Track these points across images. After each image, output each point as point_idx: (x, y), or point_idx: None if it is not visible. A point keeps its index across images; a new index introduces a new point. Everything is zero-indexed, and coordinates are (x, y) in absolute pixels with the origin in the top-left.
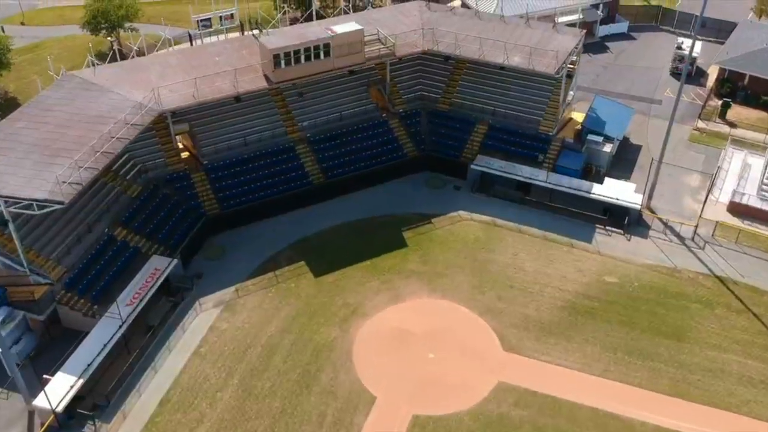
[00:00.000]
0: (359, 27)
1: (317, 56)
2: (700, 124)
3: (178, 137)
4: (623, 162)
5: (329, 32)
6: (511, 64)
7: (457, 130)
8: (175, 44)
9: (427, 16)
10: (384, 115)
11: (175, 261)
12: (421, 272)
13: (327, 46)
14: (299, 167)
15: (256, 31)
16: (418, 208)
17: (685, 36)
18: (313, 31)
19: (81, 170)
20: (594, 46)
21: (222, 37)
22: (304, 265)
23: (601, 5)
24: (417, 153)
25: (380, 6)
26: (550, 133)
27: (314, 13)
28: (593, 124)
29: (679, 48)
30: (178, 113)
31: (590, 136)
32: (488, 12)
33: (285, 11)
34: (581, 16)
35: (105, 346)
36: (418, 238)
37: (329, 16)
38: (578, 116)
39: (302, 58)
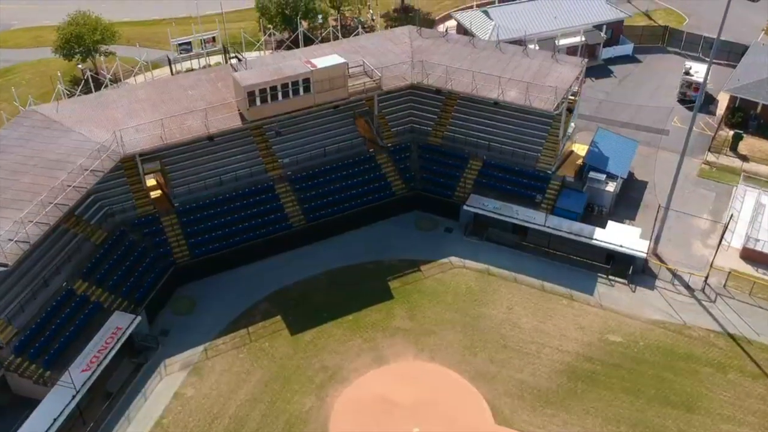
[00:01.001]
0: (342, 60)
1: (296, 92)
2: (710, 157)
3: (150, 174)
4: (627, 200)
5: (309, 66)
6: (506, 100)
7: (449, 167)
8: (153, 68)
9: (417, 43)
10: (371, 150)
11: (139, 318)
12: (408, 329)
13: (306, 81)
14: (279, 209)
15: (234, 60)
16: (406, 254)
17: (693, 58)
18: (292, 66)
19: (30, 225)
20: (597, 69)
21: (203, 61)
22: (281, 321)
23: (604, 27)
24: (406, 191)
25: (372, 25)
26: (549, 171)
27: (301, 35)
28: (595, 161)
29: (687, 73)
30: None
31: (592, 174)
32: (485, 34)
33: (271, 33)
34: (583, 39)
35: (55, 420)
36: (405, 288)
37: (318, 37)
38: (579, 148)
39: (279, 94)
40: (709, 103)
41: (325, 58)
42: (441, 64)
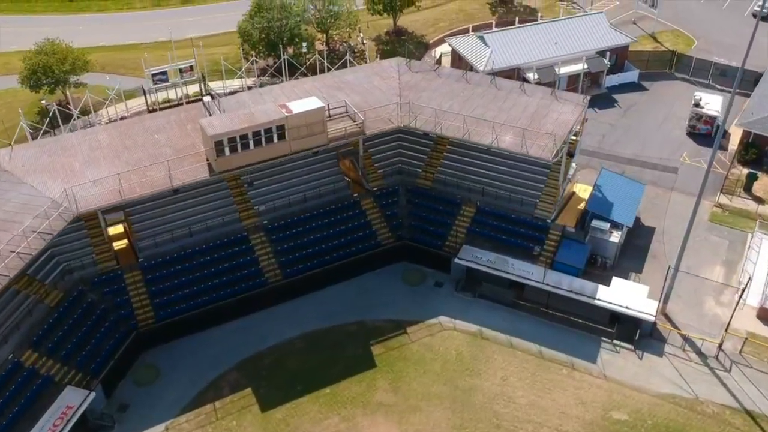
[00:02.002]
0: (319, 104)
1: (269, 140)
2: (722, 198)
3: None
4: (633, 250)
5: (283, 112)
6: (500, 147)
7: (440, 213)
8: (128, 98)
9: (406, 78)
10: (356, 194)
11: (93, 394)
12: (391, 405)
13: (281, 128)
14: (253, 262)
15: (207, 98)
16: (391, 312)
17: (702, 85)
18: (265, 111)
19: None
20: (600, 99)
21: (181, 90)
22: (251, 394)
23: (608, 53)
24: (393, 240)
25: (362, 50)
26: (548, 220)
27: (285, 63)
28: (599, 207)
29: (697, 105)
30: None
31: (595, 223)
32: (480, 63)
33: (253, 60)
34: (586, 66)
35: None
36: (389, 355)
37: (304, 64)
38: (581, 189)
39: (251, 143)
40: (720, 136)
41: (301, 101)
42: (430, 106)
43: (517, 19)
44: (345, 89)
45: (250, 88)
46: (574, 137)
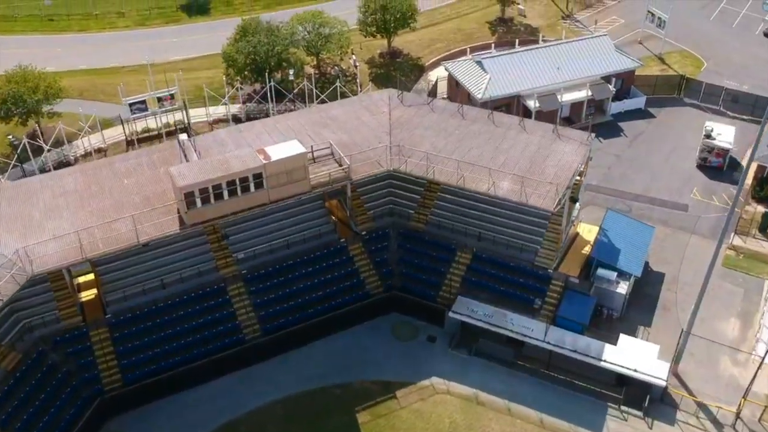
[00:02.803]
0: (301, 150)
1: (246, 189)
2: (737, 240)
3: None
4: (641, 299)
5: (261, 158)
6: (497, 196)
7: (433, 259)
8: (105, 128)
9: (398, 113)
10: (343, 239)
11: None
12: None
13: (258, 176)
14: (230, 317)
15: (183, 136)
16: (380, 373)
17: (713, 111)
18: (240, 157)
19: None
20: (605, 127)
21: (161, 119)
22: None
23: (613, 79)
24: (383, 290)
25: (354, 73)
26: (550, 270)
27: (271, 90)
28: (604, 255)
29: (708, 136)
30: None
31: (600, 272)
32: (478, 91)
33: (238, 87)
34: (590, 93)
35: None
36: (376, 424)
37: (293, 90)
38: (586, 230)
39: (225, 193)
40: (732, 169)
41: (282, 146)
42: (422, 148)
43: (517, 41)
44: (331, 126)
45: (234, 115)
46: (578, 177)
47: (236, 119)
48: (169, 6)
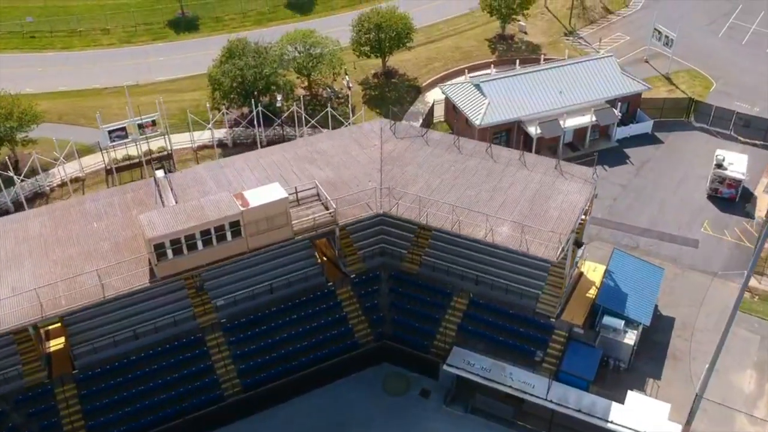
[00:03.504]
0: (282, 195)
1: (222, 238)
2: (752, 281)
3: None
4: (650, 347)
5: (239, 204)
6: (495, 243)
7: (427, 305)
8: (84, 155)
9: (390, 147)
10: (331, 282)
11: None
12: None
13: (235, 224)
14: (208, 370)
15: (160, 174)
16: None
17: (723, 136)
18: (216, 203)
19: None
20: (610, 154)
21: (141, 147)
22: None
23: (619, 104)
24: (373, 338)
25: (347, 95)
26: (552, 318)
27: (260, 114)
28: (611, 301)
29: (720, 166)
30: None
31: (606, 321)
32: (476, 117)
33: (224, 112)
34: (594, 119)
35: None
36: None
37: (282, 115)
38: (590, 270)
39: (199, 243)
40: (745, 200)
41: (261, 190)
42: (415, 188)
43: (518, 61)
44: (318, 161)
45: (220, 141)
46: (582, 217)
47: (222, 145)
48: (156, 22)
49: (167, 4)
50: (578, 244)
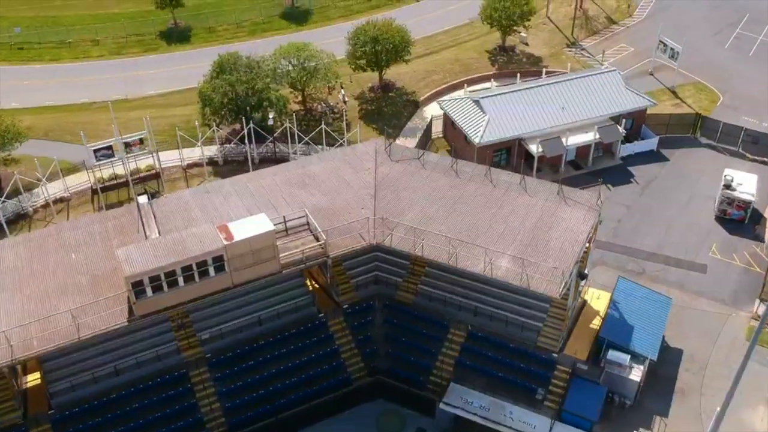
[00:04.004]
0: (268, 228)
1: (204, 274)
2: (762, 308)
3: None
4: (657, 381)
5: (222, 238)
6: (494, 278)
7: (422, 338)
8: (69, 174)
9: (385, 171)
10: (322, 314)
11: None
12: None
13: (219, 259)
14: (192, 409)
15: (143, 200)
16: None
17: (731, 153)
18: (199, 237)
19: None
20: (614, 172)
21: (132, 164)
22: None
23: (623, 120)
24: (366, 373)
25: (343, 109)
26: (554, 353)
27: (251, 131)
28: (616, 335)
29: (728, 186)
30: None
31: (611, 356)
32: (476, 134)
33: (215, 129)
34: (598, 136)
35: None
36: None
37: (276, 131)
38: (594, 298)
39: (180, 279)
40: (755, 221)
41: (247, 221)
42: (410, 217)
43: (518, 75)
44: (310, 186)
45: (211, 158)
46: (587, 244)
47: (212, 163)
48: (147, 33)
49: (160, 15)
50: (582, 276)
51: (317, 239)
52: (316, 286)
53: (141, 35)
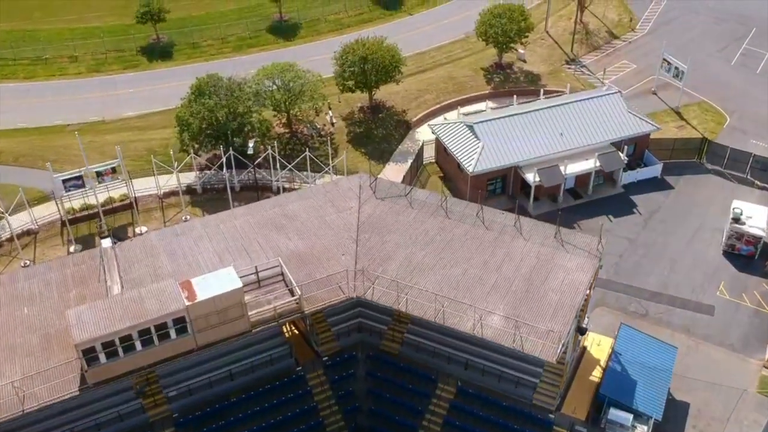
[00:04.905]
0: (235, 285)
1: (165, 336)
2: None
3: None
4: None
5: (184, 296)
6: (484, 339)
7: (408, 394)
8: (38, 204)
9: (369, 210)
10: (300, 368)
11: None
12: None
13: (181, 320)
14: None
15: (106, 244)
16: None
17: (738, 180)
18: (158, 295)
19: None
20: (615, 201)
21: (103, 195)
22: None
23: (625, 146)
24: None
25: (330, 132)
26: (551, 412)
27: (231, 158)
28: (617, 391)
29: (737, 220)
30: None
31: (613, 414)
32: (469, 163)
33: (193, 156)
34: (598, 164)
35: None
36: None
37: (257, 156)
38: (594, 344)
39: (137, 344)
40: (765, 257)
41: (213, 276)
42: (395, 265)
43: (515, 97)
44: (287, 228)
45: (189, 186)
46: (587, 292)
47: (191, 191)
48: (128, 49)
49: (141, 30)
50: (581, 331)
51: (292, 293)
52: (295, 331)
53: (121, 51)
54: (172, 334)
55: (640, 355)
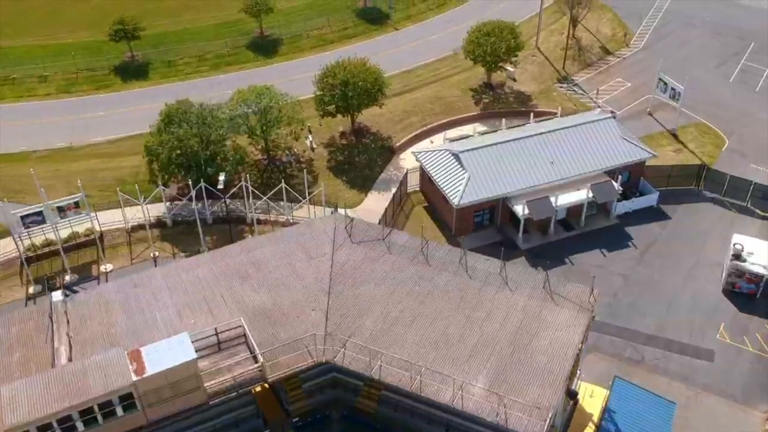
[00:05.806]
0: (189, 357)
1: (111, 414)
2: None
3: None
4: None
5: (132, 369)
6: (464, 411)
7: None
8: None
9: (343, 256)
10: (267, 431)
11: None
12: None
13: (128, 397)
14: None
15: (57, 296)
16: None
17: (738, 209)
18: (103, 368)
19: None
20: (610, 234)
21: (66, 231)
22: None
23: (619, 175)
24: None
25: (310, 158)
26: None
27: (203, 189)
28: None
29: (738, 257)
30: None
31: None
32: (455, 195)
33: (162, 188)
34: (591, 195)
35: None
36: None
37: (231, 187)
38: (588, 396)
39: (79, 424)
40: (766, 295)
41: (165, 344)
42: (368, 322)
43: (504, 120)
44: (253, 279)
45: (159, 219)
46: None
47: (161, 224)
48: (100, 67)
49: (115, 47)
50: (571, 395)
51: (255, 359)
52: (265, 386)
53: (93, 70)
54: (119, 411)
55: (636, 412)
